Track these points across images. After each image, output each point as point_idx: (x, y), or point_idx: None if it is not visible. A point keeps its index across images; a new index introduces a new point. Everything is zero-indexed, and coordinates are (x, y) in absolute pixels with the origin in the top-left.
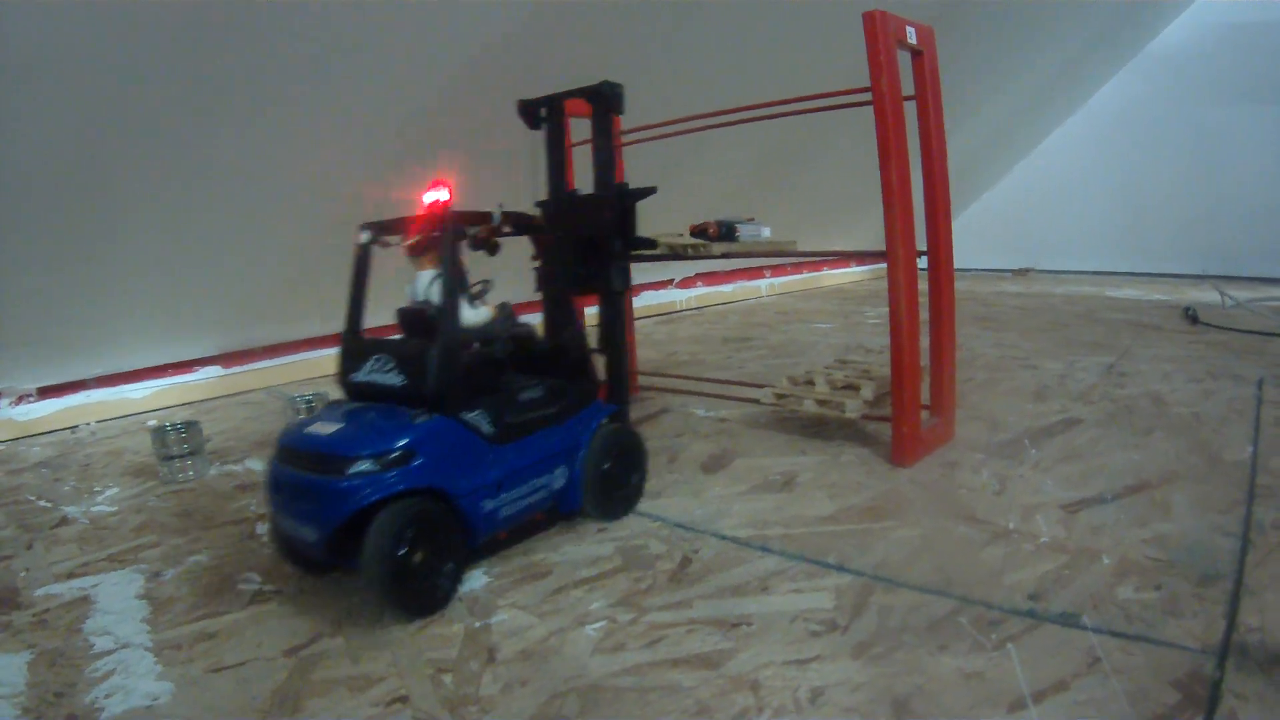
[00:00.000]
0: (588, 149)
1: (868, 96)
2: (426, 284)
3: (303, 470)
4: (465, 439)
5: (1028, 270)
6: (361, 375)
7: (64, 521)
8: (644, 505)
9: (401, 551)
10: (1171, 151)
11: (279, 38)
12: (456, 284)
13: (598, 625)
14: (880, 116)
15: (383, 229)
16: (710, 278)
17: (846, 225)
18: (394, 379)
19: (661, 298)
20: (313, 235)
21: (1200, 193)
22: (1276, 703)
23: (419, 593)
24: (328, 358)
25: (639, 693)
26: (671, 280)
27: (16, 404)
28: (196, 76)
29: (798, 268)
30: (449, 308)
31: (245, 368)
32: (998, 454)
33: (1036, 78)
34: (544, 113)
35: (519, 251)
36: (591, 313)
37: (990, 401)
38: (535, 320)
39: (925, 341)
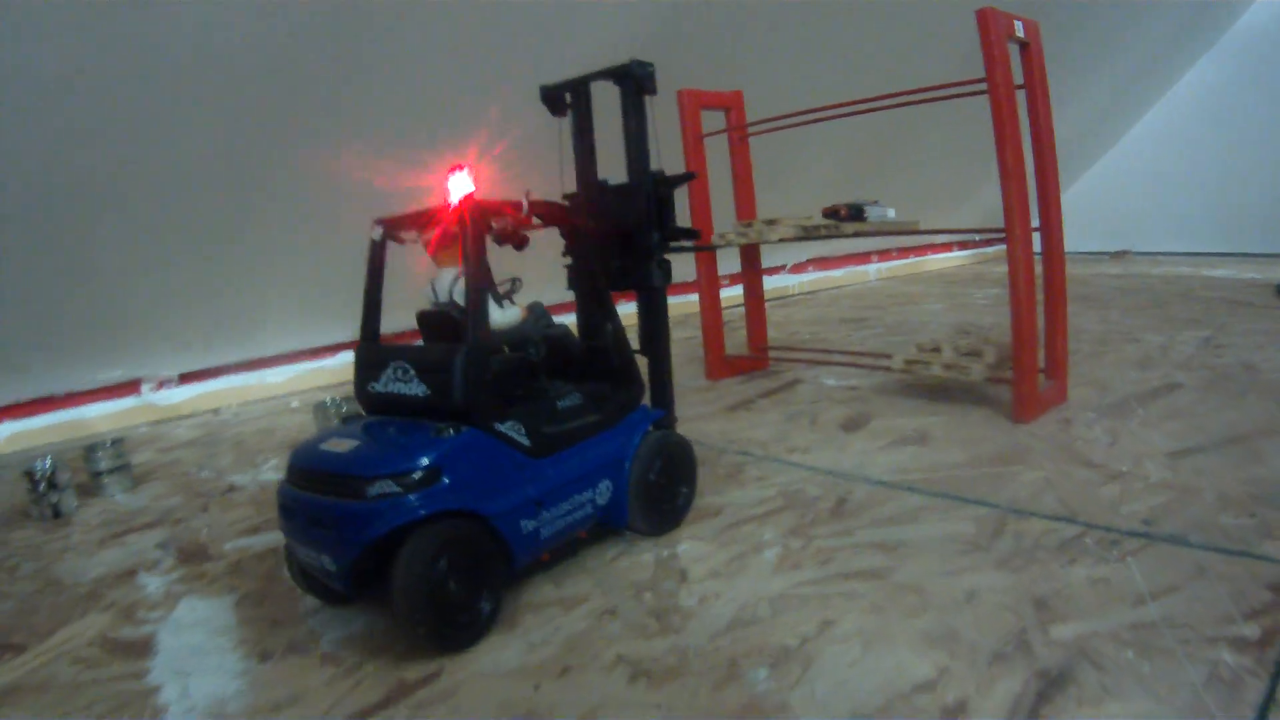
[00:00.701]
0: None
1: (982, 86)
2: (449, 283)
3: (317, 493)
4: (499, 454)
5: (1125, 252)
6: (380, 385)
7: (232, 489)
8: (794, 457)
9: (436, 581)
10: (1261, 132)
11: (409, 29)
12: (482, 281)
13: (773, 550)
14: (996, 104)
15: (399, 224)
16: (821, 263)
17: (949, 210)
18: (416, 389)
19: (775, 282)
20: None
21: None
22: None
23: (457, 625)
24: None
25: (821, 599)
26: (784, 266)
27: (158, 389)
28: (333, 77)
29: (903, 253)
30: (474, 307)
31: None
32: (1108, 413)
33: (1126, 64)
34: (568, 98)
35: (551, 246)
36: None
37: (1098, 370)
38: (571, 320)
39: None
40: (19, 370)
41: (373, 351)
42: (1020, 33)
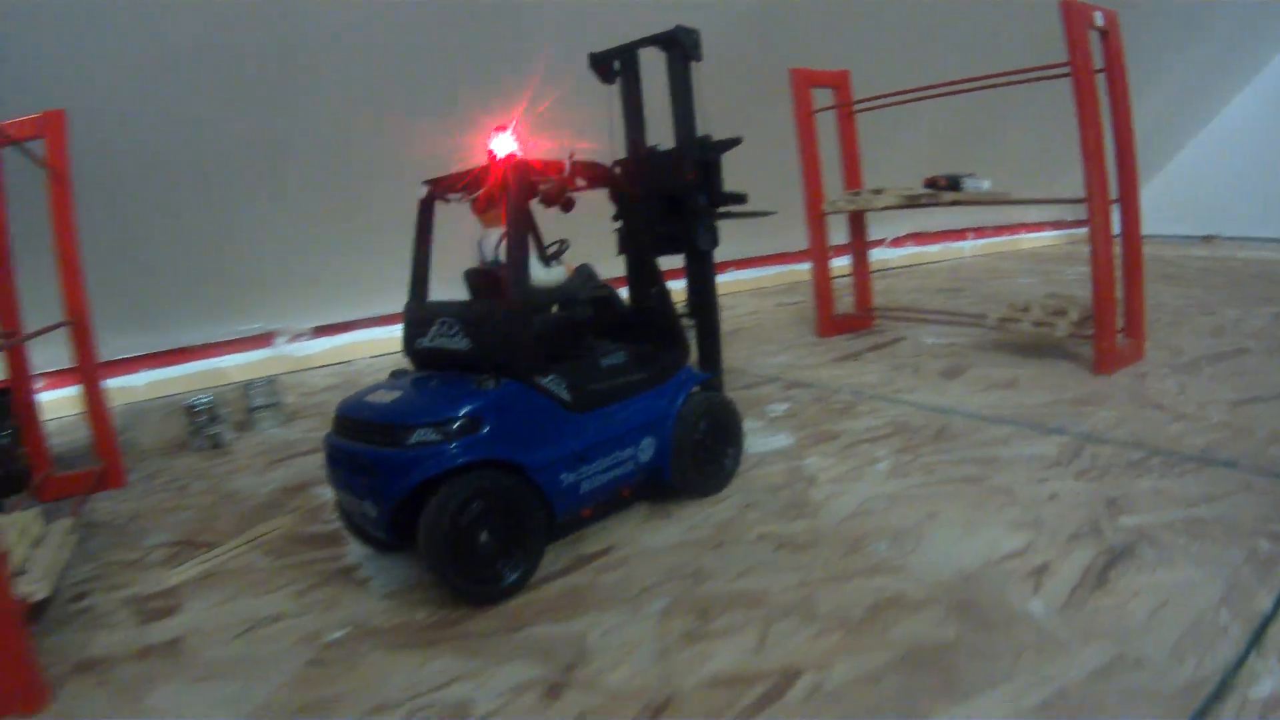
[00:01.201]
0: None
1: (1065, 70)
2: (496, 243)
3: (361, 442)
4: (540, 406)
5: (1212, 237)
6: (427, 341)
7: None
8: (900, 397)
9: (465, 531)
10: None
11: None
12: (524, 237)
13: (885, 463)
14: (1078, 86)
15: (445, 184)
16: (919, 238)
17: (1046, 183)
18: (460, 343)
19: (875, 256)
20: None
21: None
22: None
23: (489, 577)
24: None
25: (927, 497)
26: (884, 240)
27: (292, 342)
28: (447, 47)
29: (997, 231)
30: (516, 263)
31: None
32: (1179, 370)
33: (1210, 49)
34: (617, 65)
35: (604, 213)
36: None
37: (1174, 337)
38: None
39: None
40: (161, 322)
41: (420, 309)
42: (1100, 22)
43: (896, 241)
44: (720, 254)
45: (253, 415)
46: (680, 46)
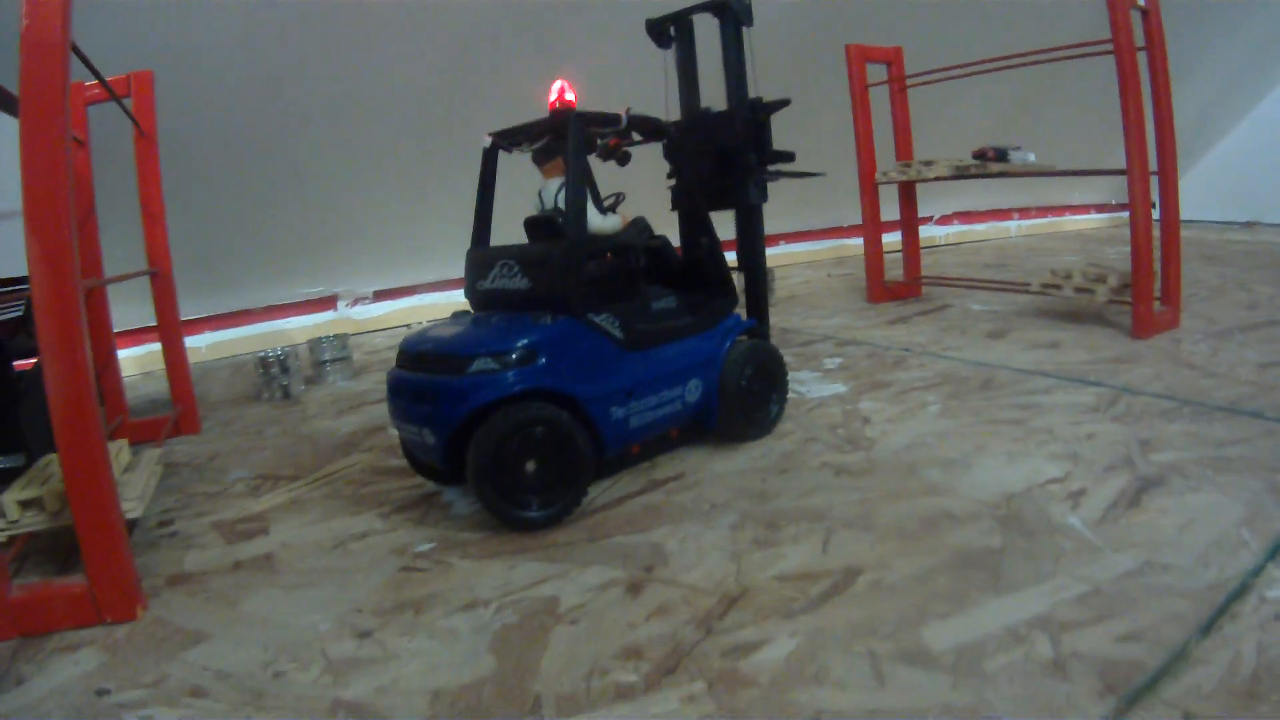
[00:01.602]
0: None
1: (1108, 47)
2: (555, 192)
3: (422, 372)
4: (593, 342)
5: (1255, 223)
6: (488, 283)
7: None
8: (948, 353)
9: (511, 457)
10: None
11: None
12: (582, 185)
13: (935, 407)
14: (1120, 62)
15: (508, 136)
16: (965, 216)
17: (1090, 161)
18: (520, 283)
19: (923, 233)
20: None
21: None
22: None
23: (544, 502)
24: None
25: (975, 434)
26: (931, 217)
27: (353, 305)
28: (520, 18)
29: (1043, 211)
30: (574, 208)
31: None
32: (1213, 336)
33: (1255, 36)
34: (672, 31)
35: (658, 170)
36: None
37: (1210, 309)
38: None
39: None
40: (224, 283)
41: (482, 253)
42: (1142, 1)
43: (944, 219)
44: (772, 227)
45: (322, 369)
46: (732, 12)
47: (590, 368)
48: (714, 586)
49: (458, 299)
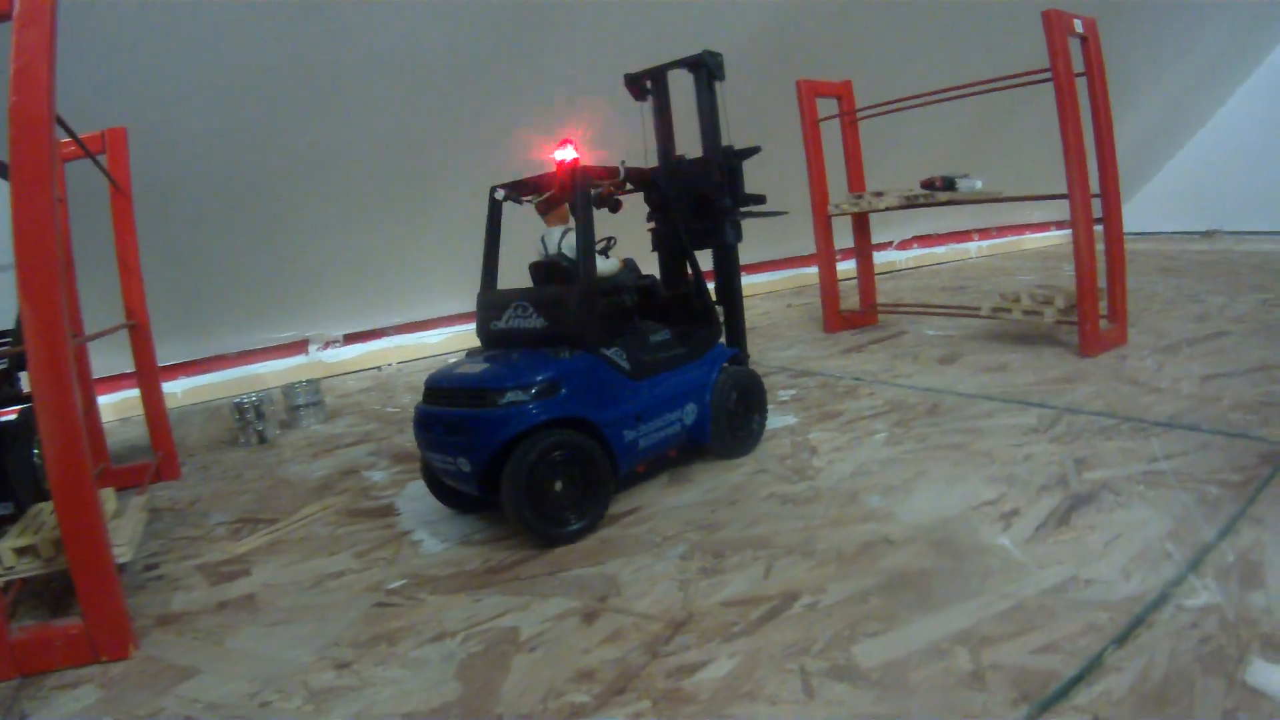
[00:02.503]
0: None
1: (1048, 75)
2: (558, 238)
3: (455, 406)
4: (606, 373)
5: (1214, 232)
6: (501, 323)
7: None
8: (899, 381)
9: (543, 478)
10: None
11: (580, 32)
12: (593, 231)
13: (882, 435)
14: (1059, 89)
15: (515, 188)
16: (925, 240)
17: (1044, 186)
18: (535, 322)
19: (882, 258)
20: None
21: None
22: None
23: (565, 520)
24: None
25: (917, 460)
26: (891, 242)
27: (324, 348)
28: (508, 71)
29: (1002, 231)
30: (586, 252)
31: None
32: (1160, 351)
33: (1208, 48)
34: (649, 85)
35: (638, 215)
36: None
37: (1160, 322)
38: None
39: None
40: (199, 329)
41: (494, 296)
42: (1080, 29)
43: (904, 244)
44: None
45: (296, 413)
46: (706, 68)
47: (604, 396)
48: (662, 613)
49: (427, 340)
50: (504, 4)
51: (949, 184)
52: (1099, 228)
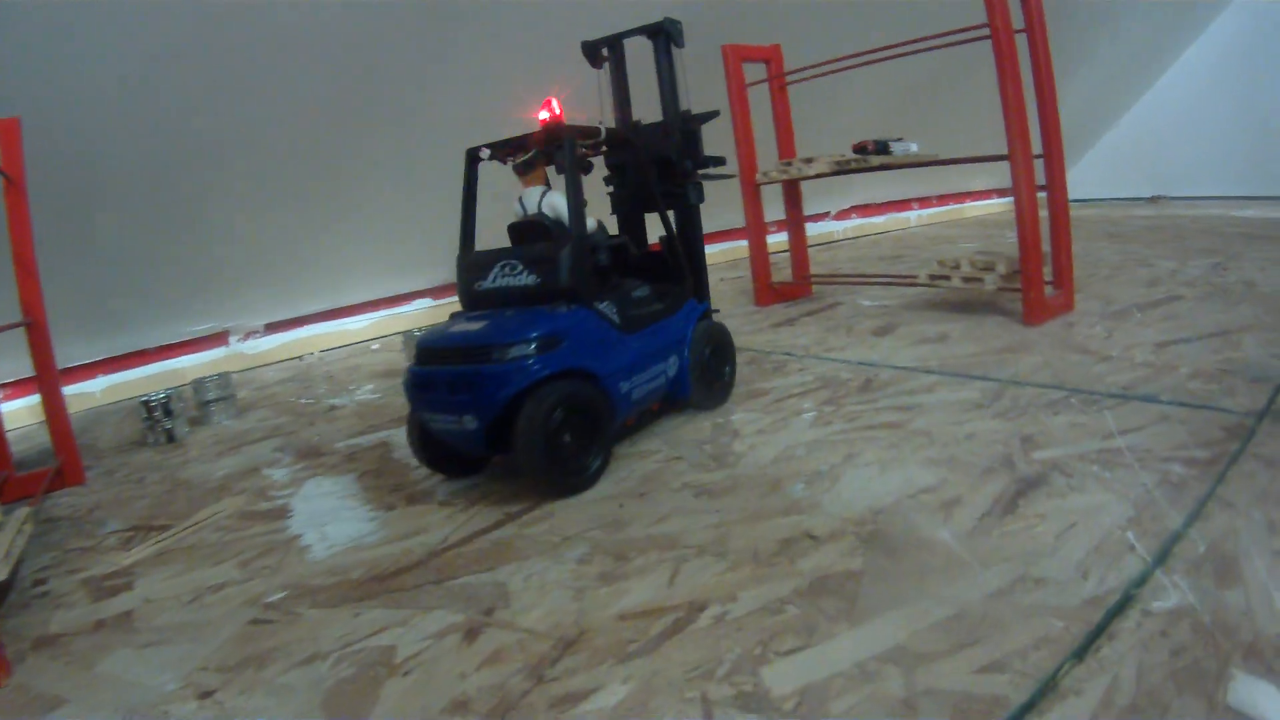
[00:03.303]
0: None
1: (987, 32)
2: (537, 199)
3: (458, 364)
4: (602, 327)
5: (1159, 197)
6: (488, 283)
7: (333, 408)
8: (831, 355)
9: (554, 428)
10: None
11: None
12: (580, 189)
13: (810, 414)
14: (997, 46)
15: (498, 149)
16: (863, 209)
17: (983, 149)
18: (526, 279)
19: (819, 229)
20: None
21: None
22: None
23: (573, 469)
24: None
25: (847, 442)
26: (829, 212)
27: (245, 339)
28: (419, 42)
29: (942, 200)
30: (577, 208)
31: (453, 298)
32: (1109, 317)
33: (1151, 14)
34: (605, 52)
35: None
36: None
37: (1108, 288)
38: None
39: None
40: (116, 324)
41: (477, 256)
42: None
43: (841, 214)
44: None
45: (206, 409)
46: (666, 35)
47: (602, 349)
48: (552, 629)
49: (349, 327)
50: None
51: (882, 148)
52: (1042, 194)
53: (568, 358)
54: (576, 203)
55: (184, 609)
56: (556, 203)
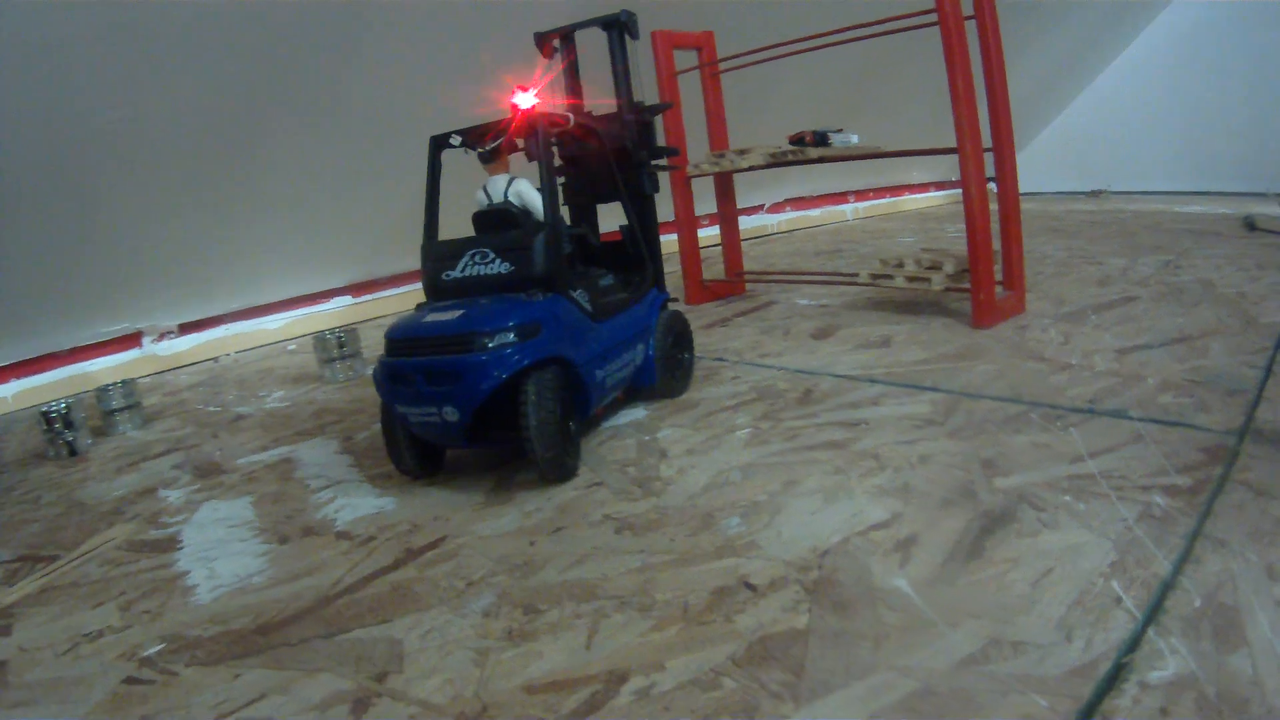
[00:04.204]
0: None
1: (934, 18)
2: (504, 186)
3: (434, 354)
4: (576, 315)
5: (1101, 191)
6: (456, 273)
7: (240, 418)
8: (766, 361)
9: (560, 416)
10: (1237, 69)
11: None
12: (553, 175)
13: (745, 431)
14: (945, 33)
15: (465, 136)
16: (798, 202)
17: (925, 140)
18: (498, 268)
19: (753, 222)
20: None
21: (1263, 110)
22: None
23: (574, 452)
24: None
25: (787, 465)
26: (763, 205)
27: (159, 340)
28: (332, 25)
29: (880, 193)
30: (551, 196)
31: (374, 296)
32: (1063, 320)
33: (1094, 8)
34: (557, 44)
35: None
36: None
37: (1059, 287)
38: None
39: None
40: (25, 327)
41: (443, 246)
42: None
43: (775, 207)
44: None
45: (111, 419)
46: (620, 26)
47: (577, 337)
48: (451, 702)
49: (265, 326)
50: None
51: (821, 139)
52: (991, 185)
53: (547, 346)
54: (551, 190)
55: (58, 661)
56: (524, 190)
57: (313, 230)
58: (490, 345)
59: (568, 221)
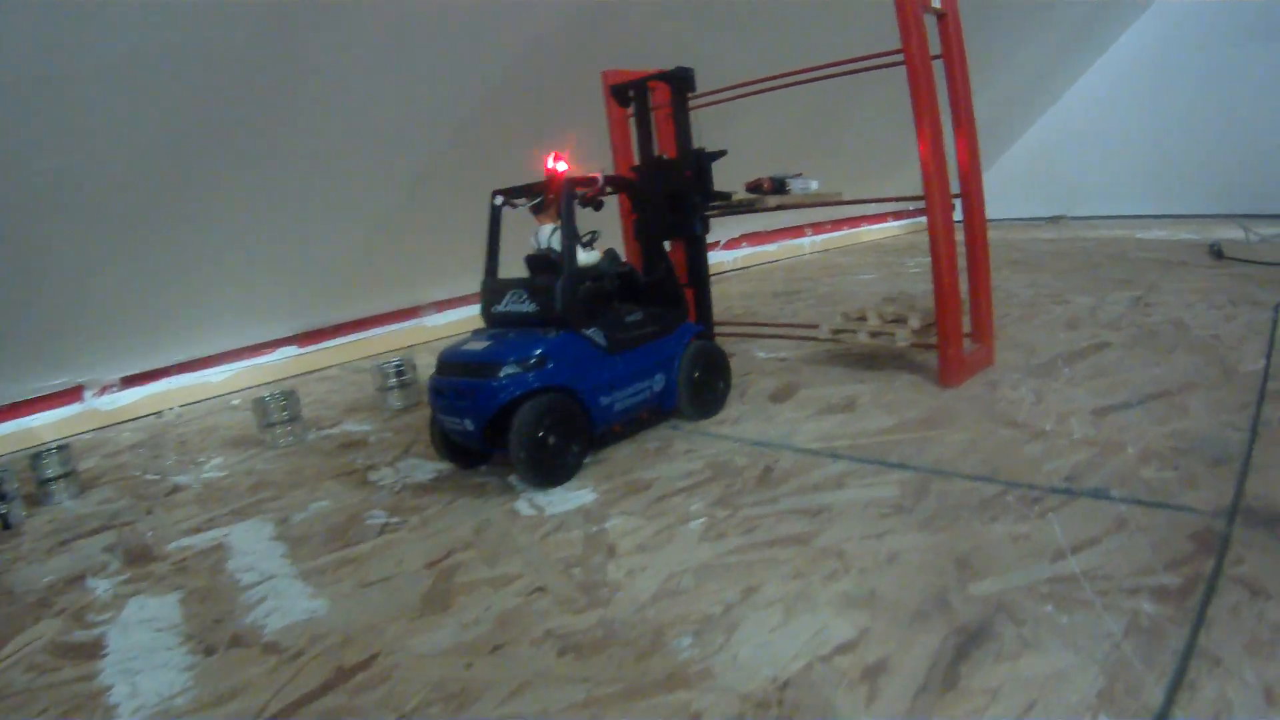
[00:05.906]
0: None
1: (900, 58)
2: (548, 235)
3: (462, 377)
4: (585, 349)
5: (1061, 217)
6: (501, 307)
7: (176, 489)
8: (723, 430)
9: (540, 433)
10: (1194, 94)
11: (351, 28)
12: (574, 232)
13: (699, 521)
14: (912, 74)
15: (512, 193)
16: (754, 238)
17: (884, 179)
18: (528, 307)
19: (710, 258)
20: (377, 221)
21: (1224, 133)
22: (1278, 549)
23: (554, 467)
24: (396, 332)
25: (744, 566)
26: (718, 242)
27: (100, 394)
28: (270, 71)
29: (837, 225)
30: (569, 250)
31: (320, 346)
32: (1034, 374)
33: (1061, 28)
34: (631, 94)
35: (614, 211)
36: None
37: (1026, 333)
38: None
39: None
40: None
41: (496, 284)
42: (937, 3)
43: (730, 243)
44: None
45: (45, 488)
46: (680, 80)
47: (584, 368)
48: None
49: (209, 379)
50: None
51: (779, 186)
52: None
53: (551, 376)
54: (569, 243)
55: None
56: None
57: (254, 280)
58: (501, 374)
59: (623, 257)
